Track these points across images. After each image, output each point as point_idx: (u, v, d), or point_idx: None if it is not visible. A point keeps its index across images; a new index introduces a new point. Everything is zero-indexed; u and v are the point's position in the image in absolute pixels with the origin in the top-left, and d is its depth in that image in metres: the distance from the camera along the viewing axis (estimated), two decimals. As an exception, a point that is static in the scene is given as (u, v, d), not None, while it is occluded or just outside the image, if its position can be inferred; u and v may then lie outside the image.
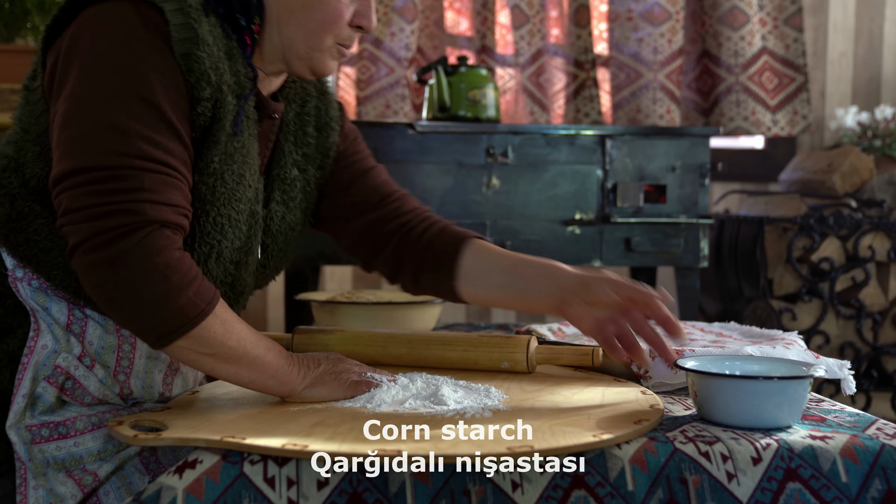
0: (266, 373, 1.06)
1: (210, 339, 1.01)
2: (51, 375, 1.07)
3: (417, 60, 2.88)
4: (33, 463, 1.05)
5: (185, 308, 0.98)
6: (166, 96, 1.01)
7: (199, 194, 1.08)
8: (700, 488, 0.92)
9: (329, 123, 1.31)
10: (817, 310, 2.57)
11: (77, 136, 0.99)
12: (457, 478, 0.90)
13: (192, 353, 1.01)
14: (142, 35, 1.01)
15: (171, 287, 0.97)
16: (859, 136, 2.90)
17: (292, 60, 1.16)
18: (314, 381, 1.09)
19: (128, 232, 0.97)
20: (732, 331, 1.48)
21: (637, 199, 2.28)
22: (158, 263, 0.97)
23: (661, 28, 2.91)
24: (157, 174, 0.99)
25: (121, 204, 0.97)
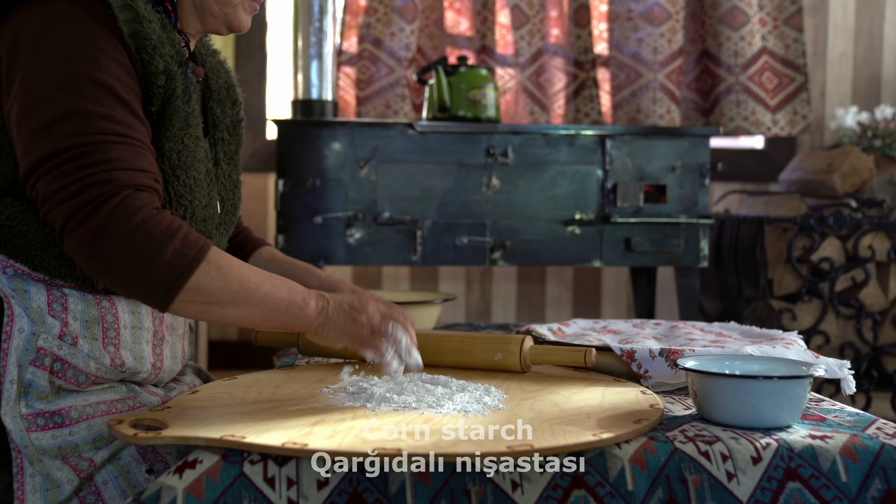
0: (278, 309, 1.08)
1: (209, 286, 1.03)
2: (36, 359, 1.08)
3: (417, 60, 2.88)
4: (29, 450, 1.06)
5: (173, 259, 1.01)
6: (117, 77, 1.06)
7: (169, 161, 1.14)
8: (700, 488, 0.92)
9: (237, 99, 1.38)
10: (817, 310, 2.57)
11: (38, 126, 1.03)
12: (457, 478, 0.91)
13: (198, 304, 1.04)
14: (83, 23, 1.06)
15: (155, 241, 1.01)
16: (859, 136, 2.90)
17: (207, 19, 1.21)
18: (328, 320, 1.12)
19: (104, 200, 1.01)
20: (732, 331, 1.48)
21: (637, 199, 2.28)
22: (138, 222, 1.01)
23: (661, 28, 2.91)
24: (122, 145, 1.04)
25: (93, 176, 1.01)
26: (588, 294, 3.16)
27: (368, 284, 3.06)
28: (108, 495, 1.08)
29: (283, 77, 3.14)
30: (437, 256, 2.26)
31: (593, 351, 1.26)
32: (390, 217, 2.24)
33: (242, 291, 1.05)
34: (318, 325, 1.11)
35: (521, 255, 2.28)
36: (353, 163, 2.23)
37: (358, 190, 2.23)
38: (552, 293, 3.16)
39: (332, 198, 2.23)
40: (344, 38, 2.85)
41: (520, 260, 2.28)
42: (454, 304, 3.08)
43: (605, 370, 1.32)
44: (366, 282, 3.07)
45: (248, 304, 1.06)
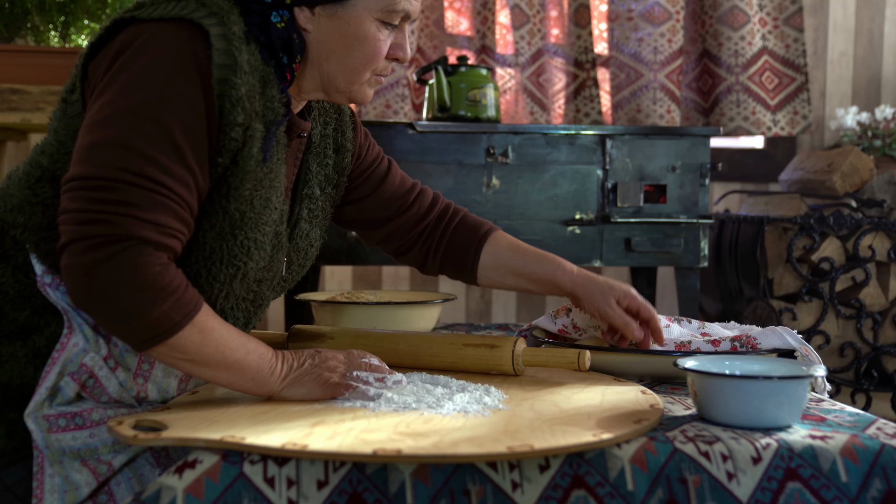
0: (244, 376, 1.08)
1: (186, 347, 1.03)
2: (76, 372, 1.09)
3: (417, 60, 2.88)
4: (50, 451, 1.07)
5: (158, 321, 1.00)
6: (180, 119, 1.03)
7: (231, 219, 1.10)
8: (700, 488, 0.92)
9: (345, 145, 1.36)
10: (817, 310, 2.57)
11: (88, 145, 1.02)
12: (457, 478, 0.91)
13: (170, 358, 1.04)
14: (175, 58, 1.04)
15: (144, 300, 0.99)
16: (859, 136, 2.90)
17: (332, 93, 1.20)
18: (293, 382, 1.11)
19: (106, 242, 0.99)
20: (732, 329, 1.48)
21: (637, 199, 2.28)
22: (133, 278, 0.99)
23: (661, 28, 2.91)
24: (148, 192, 1.01)
25: (105, 214, 0.99)
26: (588, 294, 3.15)
27: (368, 284, 3.07)
28: (119, 496, 1.09)
29: (283, 77, 3.14)
30: (437, 256, 2.26)
31: (587, 354, 1.25)
32: (390, 217, 2.24)
33: (216, 356, 1.05)
34: (283, 389, 1.10)
35: (521, 255, 2.28)
36: (353, 163, 2.23)
37: (358, 190, 2.23)
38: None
39: (332, 198, 2.23)
40: (344, 38, 2.85)
41: (520, 260, 2.28)
42: (454, 304, 3.08)
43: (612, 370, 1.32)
44: (366, 282, 3.07)
45: (218, 368, 1.06)
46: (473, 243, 1.45)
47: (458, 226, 1.47)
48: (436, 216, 1.48)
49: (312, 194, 1.30)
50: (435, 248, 1.46)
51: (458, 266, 1.46)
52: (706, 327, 1.45)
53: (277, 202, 1.18)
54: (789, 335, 1.30)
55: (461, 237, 1.46)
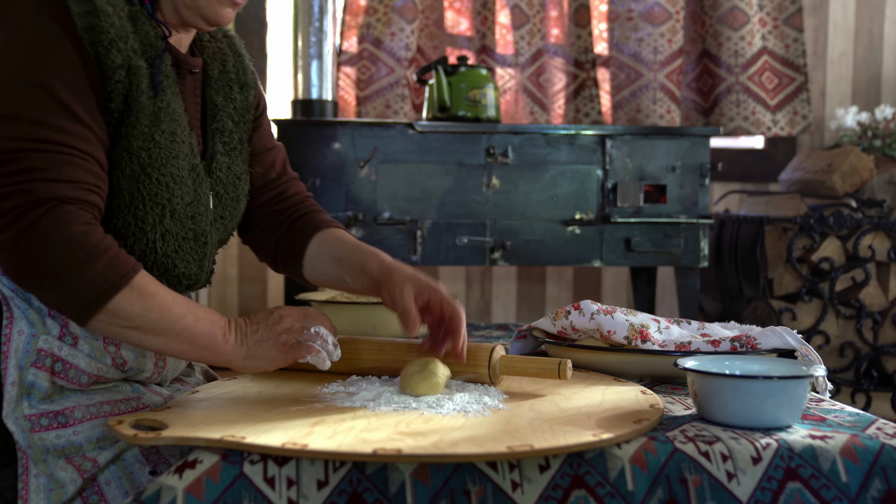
0: (196, 343, 1.06)
1: (128, 312, 1.01)
2: (37, 360, 1.08)
3: (417, 60, 2.88)
4: (33, 450, 1.06)
5: (94, 282, 0.99)
6: (61, 77, 1.03)
7: (139, 159, 1.10)
8: (700, 488, 0.92)
9: (248, 83, 1.33)
10: (817, 310, 2.57)
11: None
12: (457, 477, 0.91)
13: (114, 326, 1.02)
14: (32, 20, 1.03)
15: (75, 262, 0.98)
16: (859, 136, 2.90)
17: (182, 10, 1.16)
18: (251, 352, 1.09)
19: (23, 212, 0.98)
20: (732, 329, 1.48)
21: (637, 199, 2.28)
22: (60, 239, 0.98)
23: (661, 28, 2.91)
24: (51, 153, 1.01)
25: (13, 186, 0.98)
26: (588, 294, 3.16)
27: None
28: (110, 496, 1.08)
29: (283, 77, 3.14)
30: (437, 256, 2.26)
31: (568, 363, 1.18)
32: (390, 217, 2.24)
33: (162, 321, 1.03)
34: (242, 358, 1.09)
35: (521, 255, 2.28)
36: (353, 163, 2.23)
37: (358, 190, 2.23)
38: (552, 293, 3.16)
39: (332, 198, 2.23)
40: (344, 38, 2.85)
41: (520, 260, 2.28)
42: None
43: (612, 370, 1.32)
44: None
45: (167, 335, 1.04)
46: (307, 232, 1.37)
47: (303, 218, 1.39)
48: (290, 205, 1.40)
49: (223, 128, 1.27)
50: (270, 234, 1.38)
51: (288, 254, 1.37)
52: (706, 328, 1.45)
53: (183, 136, 1.17)
54: (789, 335, 1.30)
55: (300, 227, 1.38)
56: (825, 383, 1.25)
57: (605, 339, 1.36)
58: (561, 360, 1.18)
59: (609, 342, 1.36)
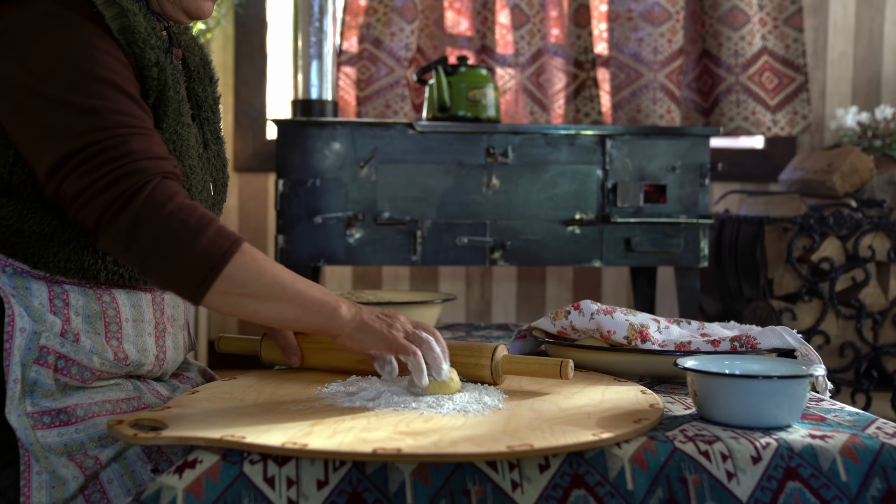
0: (311, 307, 1.07)
1: (243, 277, 1.02)
2: (39, 357, 1.08)
3: (417, 60, 2.88)
4: (35, 447, 1.06)
5: (209, 248, 1.01)
6: (116, 71, 1.06)
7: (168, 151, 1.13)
8: (700, 487, 0.92)
9: (214, 76, 1.36)
10: (817, 310, 2.57)
11: (51, 126, 1.02)
12: (457, 477, 0.91)
13: (231, 296, 1.03)
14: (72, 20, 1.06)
15: (190, 230, 1.01)
16: (859, 136, 2.90)
17: (165, 4, 1.18)
18: (363, 325, 1.10)
19: (137, 190, 1.01)
20: (732, 329, 1.48)
21: (637, 199, 2.28)
22: (172, 209, 1.01)
23: (661, 28, 2.91)
24: (140, 136, 1.04)
25: (120, 169, 1.01)
26: (588, 294, 3.16)
27: (368, 284, 3.07)
28: (112, 493, 1.08)
29: (283, 77, 3.14)
30: (437, 256, 2.26)
31: (570, 362, 1.18)
32: (390, 217, 2.24)
33: (275, 286, 1.04)
34: (353, 329, 1.09)
35: (521, 255, 2.28)
36: (353, 163, 2.23)
37: (358, 190, 2.23)
38: (552, 293, 3.16)
39: (332, 198, 2.23)
40: (344, 38, 2.85)
41: (520, 260, 2.28)
42: (454, 304, 3.08)
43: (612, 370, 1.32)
44: (366, 282, 3.07)
45: (281, 300, 1.05)
46: None
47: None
48: None
49: (209, 118, 1.31)
50: None
51: None
52: (706, 328, 1.45)
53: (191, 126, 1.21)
54: (789, 335, 1.30)
55: None
56: (825, 383, 1.25)
57: (605, 339, 1.36)
58: (563, 361, 1.18)
59: (609, 342, 1.36)
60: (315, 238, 2.24)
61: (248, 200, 3.01)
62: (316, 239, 2.24)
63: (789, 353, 1.30)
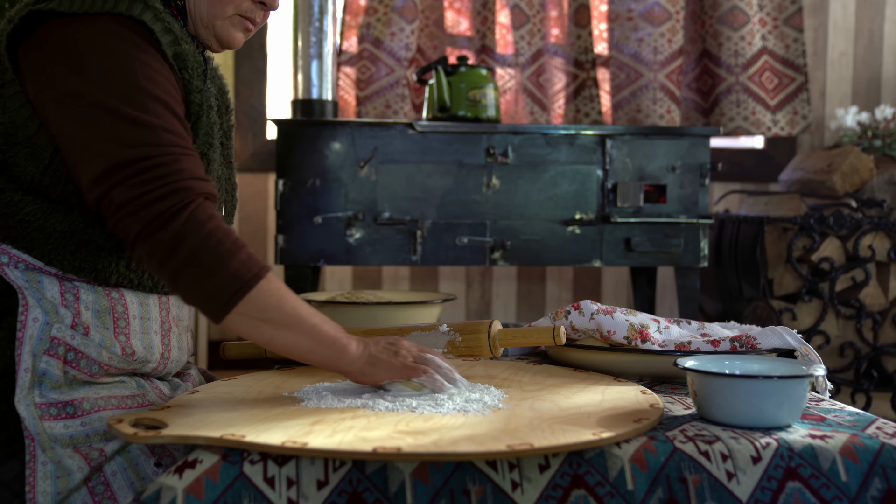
0: (324, 342, 1.10)
1: (266, 303, 1.05)
2: (50, 348, 1.11)
3: (417, 60, 2.88)
4: (42, 437, 1.09)
5: (239, 271, 1.04)
6: (169, 94, 1.11)
7: None
8: (700, 487, 0.92)
9: (230, 105, 1.41)
10: (817, 310, 2.57)
11: (105, 136, 1.06)
12: (457, 477, 0.91)
13: (251, 319, 1.06)
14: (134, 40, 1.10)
15: (224, 251, 1.04)
16: (859, 136, 2.90)
17: (199, 30, 1.23)
18: (372, 359, 1.12)
19: (182, 208, 1.05)
20: (732, 329, 1.48)
21: (637, 199, 2.28)
22: (211, 229, 1.05)
23: (661, 28, 2.91)
24: (189, 157, 1.09)
25: (171, 185, 1.05)
26: (588, 294, 3.16)
27: (368, 284, 3.07)
28: (116, 486, 1.10)
29: (283, 77, 3.14)
30: (437, 256, 2.26)
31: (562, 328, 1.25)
32: (390, 217, 2.24)
33: (294, 317, 1.07)
34: (364, 364, 1.12)
35: (521, 255, 2.28)
36: (353, 163, 2.23)
37: (358, 190, 2.23)
38: (552, 293, 3.16)
39: (332, 198, 2.23)
40: (344, 38, 2.85)
41: (520, 260, 2.28)
42: (454, 304, 3.08)
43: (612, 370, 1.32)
44: (366, 282, 3.07)
45: (298, 331, 1.08)
46: None
47: None
48: None
49: (224, 143, 1.36)
50: None
51: None
52: (706, 328, 1.45)
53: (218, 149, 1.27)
54: (789, 335, 1.30)
55: None
56: (825, 383, 1.25)
57: (605, 339, 1.36)
58: (555, 327, 1.25)
59: (609, 342, 1.36)
60: (315, 238, 2.24)
61: (248, 200, 3.01)
62: (316, 239, 2.24)
63: (789, 353, 1.30)
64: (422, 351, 1.17)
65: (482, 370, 1.31)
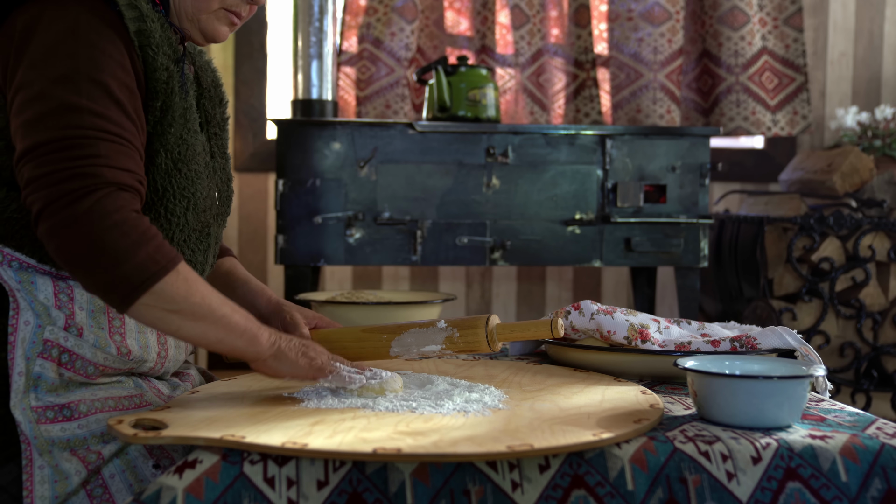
0: (234, 332, 1.08)
1: (173, 294, 1.03)
2: (43, 350, 1.10)
3: (417, 60, 2.88)
4: (38, 441, 1.08)
5: (145, 263, 1.02)
6: (114, 76, 1.08)
7: (172, 154, 1.17)
8: (700, 488, 0.92)
9: (223, 98, 1.40)
10: (817, 310, 2.57)
11: (34, 117, 1.05)
12: (457, 477, 0.91)
13: (157, 310, 1.04)
14: (87, 23, 1.09)
15: (130, 242, 1.02)
16: (859, 136, 2.90)
17: (184, 23, 1.22)
18: (280, 353, 1.12)
19: (87, 193, 1.02)
20: (732, 329, 1.48)
21: (637, 199, 2.28)
22: (117, 220, 1.02)
23: (661, 28, 2.91)
24: (111, 143, 1.06)
25: (79, 168, 1.03)
26: (588, 294, 3.16)
27: (368, 284, 3.07)
28: (114, 488, 1.10)
29: (283, 77, 3.14)
30: (437, 256, 2.26)
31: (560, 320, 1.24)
32: (390, 217, 2.24)
33: (203, 307, 1.06)
34: (270, 356, 1.12)
35: (521, 255, 2.28)
36: (353, 163, 2.23)
37: (358, 190, 2.23)
38: (552, 293, 3.16)
39: (332, 198, 2.23)
40: (344, 38, 2.85)
41: (520, 260, 2.28)
42: (454, 304, 3.08)
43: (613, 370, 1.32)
44: (366, 282, 3.07)
45: (206, 321, 1.06)
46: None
47: None
48: None
49: (217, 133, 1.35)
50: None
51: None
52: (706, 328, 1.45)
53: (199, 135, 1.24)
54: (789, 335, 1.30)
55: None
56: (825, 383, 1.25)
57: (605, 339, 1.36)
58: (552, 320, 1.23)
59: (609, 342, 1.36)
60: (315, 238, 2.24)
61: (248, 200, 3.01)
62: (316, 239, 2.24)
63: (789, 354, 1.30)
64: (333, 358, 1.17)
65: (482, 370, 1.31)
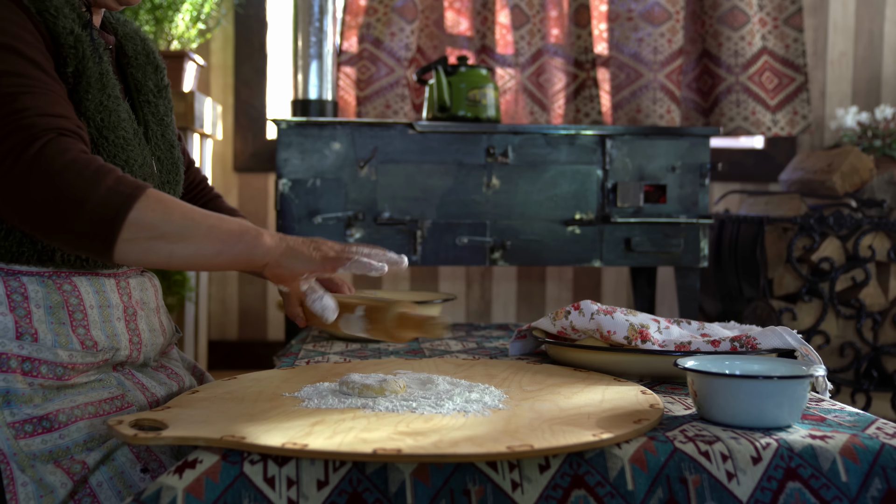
0: (230, 239, 1.03)
1: (151, 219, 0.98)
2: (1, 365, 1.06)
3: (417, 60, 2.88)
4: (19, 457, 1.04)
5: (108, 196, 0.97)
6: (20, 38, 1.04)
7: (95, 122, 1.12)
8: (700, 488, 0.92)
9: (160, 65, 1.35)
10: (817, 310, 2.57)
11: None
12: (457, 477, 0.91)
13: (141, 242, 0.99)
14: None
15: (86, 180, 0.97)
16: (859, 136, 2.90)
17: None
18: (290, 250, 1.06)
19: (26, 146, 0.97)
20: (732, 329, 1.48)
21: (637, 199, 2.28)
22: (65, 163, 0.98)
23: (661, 28, 2.91)
24: (38, 94, 1.02)
25: (12, 125, 0.98)
26: (588, 294, 3.16)
27: (368, 284, 3.07)
28: (103, 497, 1.06)
29: (283, 77, 3.14)
30: (437, 256, 2.26)
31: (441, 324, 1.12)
32: (390, 217, 2.24)
33: (187, 223, 1.00)
34: (280, 255, 1.05)
35: (521, 255, 2.28)
36: (353, 163, 2.23)
37: (358, 190, 2.23)
38: (552, 293, 3.16)
39: (332, 198, 2.23)
40: (344, 38, 2.85)
41: (520, 260, 2.28)
42: (454, 304, 3.08)
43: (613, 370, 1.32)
44: (366, 281, 3.07)
45: (195, 237, 1.00)
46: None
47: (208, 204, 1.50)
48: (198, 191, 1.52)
49: (149, 101, 1.29)
50: None
51: None
52: (706, 328, 1.45)
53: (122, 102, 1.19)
54: (789, 335, 1.30)
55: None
56: (825, 383, 1.25)
57: (605, 339, 1.36)
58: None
59: (609, 342, 1.36)
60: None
61: (248, 200, 3.01)
62: (316, 239, 2.24)
63: (789, 354, 1.30)
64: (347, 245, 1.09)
65: (482, 370, 1.31)
